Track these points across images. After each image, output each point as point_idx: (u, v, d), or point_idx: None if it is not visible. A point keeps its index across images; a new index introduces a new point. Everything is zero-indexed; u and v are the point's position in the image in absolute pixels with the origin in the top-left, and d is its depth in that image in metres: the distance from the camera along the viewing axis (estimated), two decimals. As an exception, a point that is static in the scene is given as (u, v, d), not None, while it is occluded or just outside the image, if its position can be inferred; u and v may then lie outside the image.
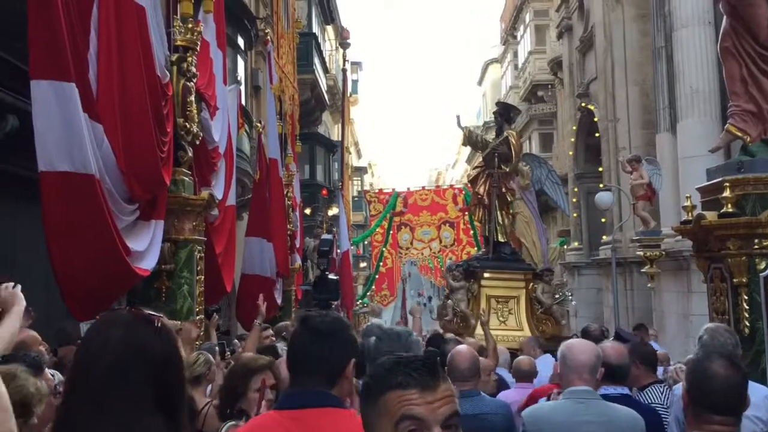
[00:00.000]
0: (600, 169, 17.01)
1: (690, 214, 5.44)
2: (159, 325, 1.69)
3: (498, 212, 11.33)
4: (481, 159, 12.12)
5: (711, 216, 5.01)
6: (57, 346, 4.94)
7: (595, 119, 17.25)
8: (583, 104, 18.18)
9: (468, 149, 34.22)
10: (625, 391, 3.57)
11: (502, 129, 11.70)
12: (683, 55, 12.11)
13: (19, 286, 2.88)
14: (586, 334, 6.10)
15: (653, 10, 13.68)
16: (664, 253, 11.34)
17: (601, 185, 15.44)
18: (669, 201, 12.40)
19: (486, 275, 10.91)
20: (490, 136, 13.05)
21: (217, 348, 5.37)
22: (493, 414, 3.74)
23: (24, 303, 2.85)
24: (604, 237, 15.93)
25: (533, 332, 10.35)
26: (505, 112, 11.99)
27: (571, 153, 19.58)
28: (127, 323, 1.67)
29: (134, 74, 5.11)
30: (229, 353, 5.95)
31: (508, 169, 11.52)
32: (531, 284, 11.09)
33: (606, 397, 3.27)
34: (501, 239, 11.45)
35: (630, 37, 15.76)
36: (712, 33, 11.77)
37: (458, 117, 12.08)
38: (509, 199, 11.76)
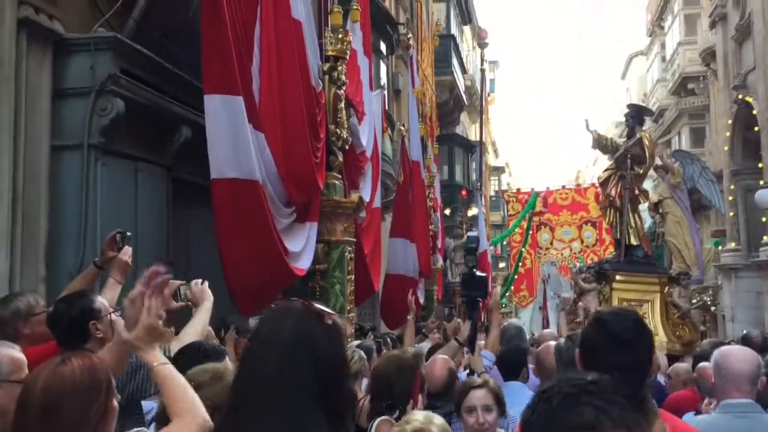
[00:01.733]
0: (760, 165, 15.90)
1: None
2: (330, 322, 1.70)
3: (630, 215, 11.01)
4: (610, 161, 11.78)
5: None
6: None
7: (754, 112, 16.13)
8: (740, 96, 17.05)
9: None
10: None
11: (634, 131, 11.42)
12: None
13: (206, 283, 3.14)
14: (746, 341, 5.76)
15: (821, -7, 12.62)
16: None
17: (761, 182, 14.44)
18: (840, 199, 11.41)
19: (618, 278, 10.64)
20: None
21: (374, 346, 5.58)
22: None
23: (212, 299, 3.10)
24: (765, 237, 14.87)
25: (669, 337, 10.05)
26: (636, 114, 11.69)
27: (726, 148, 18.40)
28: (299, 315, 1.68)
29: (292, 85, 5.44)
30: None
31: (641, 171, 11.25)
32: (666, 288, 10.71)
33: None
34: (634, 242, 11.12)
35: (793, 22, 14.62)
36: None
37: (587, 121, 11.89)
38: (641, 202, 11.45)
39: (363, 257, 7.42)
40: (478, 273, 4.61)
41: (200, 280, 3.14)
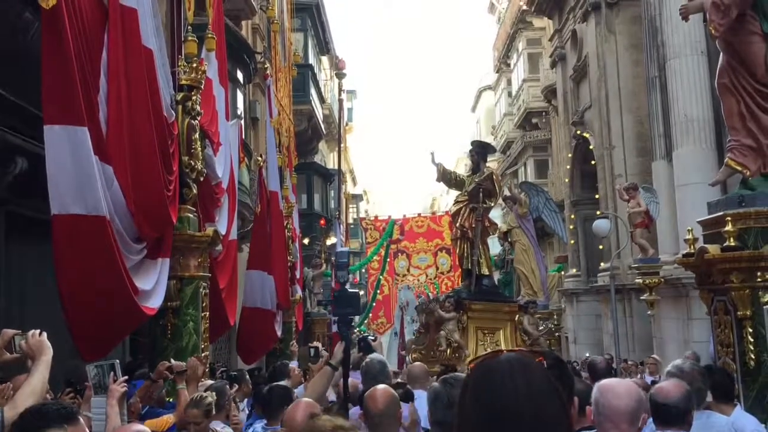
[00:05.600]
0: (597, 195, 17.12)
1: (692, 246, 5.50)
2: None
3: (480, 246, 11.53)
4: (459, 194, 12.28)
5: (714, 249, 5.07)
6: (67, 384, 4.93)
7: (591, 147, 17.39)
8: (578, 132, 18.34)
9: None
10: None
11: (479, 166, 11.94)
12: (677, 84, 12.28)
13: (45, 334, 2.85)
14: (592, 369, 6.04)
15: (646, 40, 13.89)
16: (662, 280, 11.41)
17: (598, 212, 15.53)
18: (667, 228, 12.48)
19: (474, 307, 11.05)
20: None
21: (226, 385, 5.38)
22: None
23: (51, 351, 2.80)
24: (602, 264, 15.97)
25: None
26: (480, 150, 12.26)
27: (567, 180, 19.69)
28: None
29: (142, 116, 5.19)
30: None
31: (492, 204, 11.84)
32: (516, 316, 11.26)
33: None
34: (485, 272, 11.64)
35: (623, 66, 15.97)
36: (705, 62, 11.97)
37: (432, 154, 12.24)
38: (490, 234, 12.04)
39: (219, 292, 7.18)
40: (350, 289, 4.36)
41: (38, 331, 2.83)
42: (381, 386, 3.49)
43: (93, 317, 4.77)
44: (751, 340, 4.89)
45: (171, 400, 4.77)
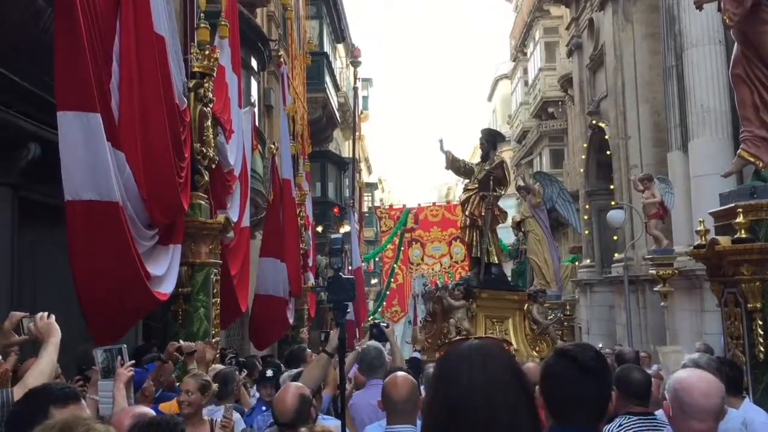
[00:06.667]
0: (611, 186, 17.02)
1: (703, 238, 5.47)
2: None
3: (490, 234, 11.47)
4: (466, 182, 12.21)
5: (724, 241, 5.04)
6: (79, 371, 5.00)
7: (606, 137, 17.27)
8: (593, 122, 18.20)
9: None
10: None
11: (489, 155, 11.84)
12: (694, 74, 12.14)
13: (53, 317, 2.90)
14: (620, 359, 6.02)
15: (663, 30, 13.73)
16: (676, 271, 11.35)
17: (612, 203, 15.45)
18: (681, 219, 12.39)
19: (483, 295, 11.03)
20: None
21: (235, 371, 5.43)
22: None
23: (59, 334, 2.86)
24: (616, 255, 15.89)
25: (528, 352, 10.52)
26: (490, 139, 12.11)
27: (582, 170, 19.58)
28: None
29: (154, 102, 5.22)
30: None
31: (502, 192, 11.76)
32: (525, 305, 11.23)
33: None
34: (494, 260, 11.59)
35: (640, 55, 15.80)
36: (722, 52, 11.81)
37: (441, 141, 12.09)
38: (500, 222, 11.98)
39: (230, 278, 7.24)
40: (345, 275, 4.29)
41: (46, 314, 2.89)
42: (401, 373, 3.51)
43: (106, 302, 4.83)
44: (761, 332, 4.87)
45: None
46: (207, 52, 6.35)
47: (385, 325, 5.84)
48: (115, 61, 4.89)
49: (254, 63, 12.56)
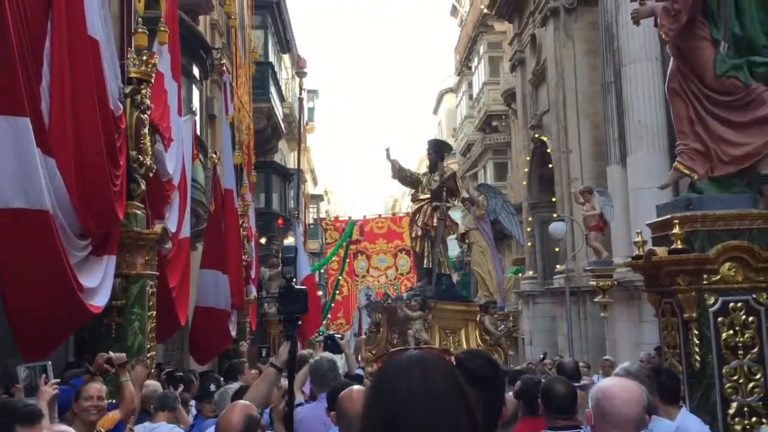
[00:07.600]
0: (553, 199, 17.29)
1: (641, 249, 5.55)
2: None
3: (441, 245, 11.55)
4: (415, 192, 12.28)
5: (661, 252, 5.12)
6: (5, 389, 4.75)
7: (548, 150, 17.57)
8: (536, 135, 18.51)
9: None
10: None
11: (437, 165, 11.94)
12: (632, 90, 12.47)
13: None
14: (561, 370, 6.04)
15: (602, 46, 14.08)
16: (615, 283, 11.56)
17: (554, 215, 15.69)
18: (620, 232, 12.65)
19: (437, 307, 11.08)
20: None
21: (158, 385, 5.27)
22: None
23: None
24: (557, 266, 16.13)
25: None
26: (438, 149, 12.22)
27: (525, 183, 19.87)
28: None
29: (87, 107, 5.05)
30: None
31: (455, 203, 11.87)
32: (478, 316, 11.33)
33: None
34: (445, 271, 11.66)
35: (581, 71, 16.16)
36: (659, 68, 12.15)
37: (387, 150, 12.14)
38: (452, 233, 12.07)
39: (168, 291, 7.04)
40: (297, 286, 4.11)
41: None
42: (357, 387, 3.40)
43: (36, 315, 4.64)
44: (697, 342, 4.95)
45: (113, 401, 4.63)
46: (145, 58, 6.20)
47: (339, 336, 5.76)
48: (46, 64, 4.70)
49: (196, 71, 12.34)
